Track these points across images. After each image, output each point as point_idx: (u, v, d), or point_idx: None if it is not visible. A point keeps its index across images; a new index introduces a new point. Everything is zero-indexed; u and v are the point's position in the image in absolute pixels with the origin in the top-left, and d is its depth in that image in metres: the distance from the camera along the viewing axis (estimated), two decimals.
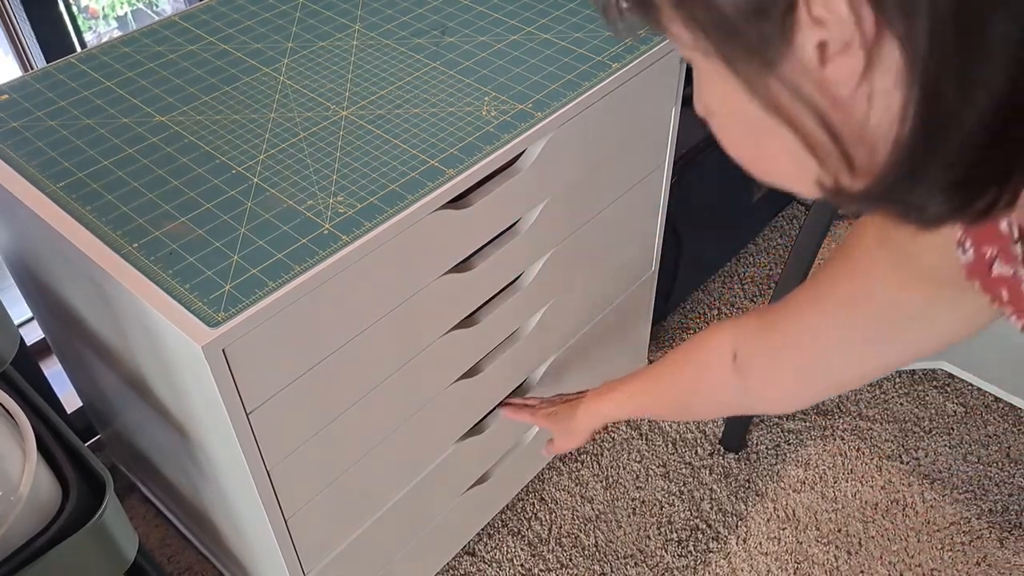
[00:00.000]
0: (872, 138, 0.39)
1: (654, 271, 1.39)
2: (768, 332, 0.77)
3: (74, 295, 0.93)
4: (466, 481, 1.21)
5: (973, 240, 0.52)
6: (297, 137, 0.92)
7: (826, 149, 0.40)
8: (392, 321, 0.89)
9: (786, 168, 0.44)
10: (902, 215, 0.40)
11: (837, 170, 0.41)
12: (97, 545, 0.66)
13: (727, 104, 0.44)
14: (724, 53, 0.40)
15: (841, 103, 0.38)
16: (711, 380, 0.85)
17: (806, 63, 0.38)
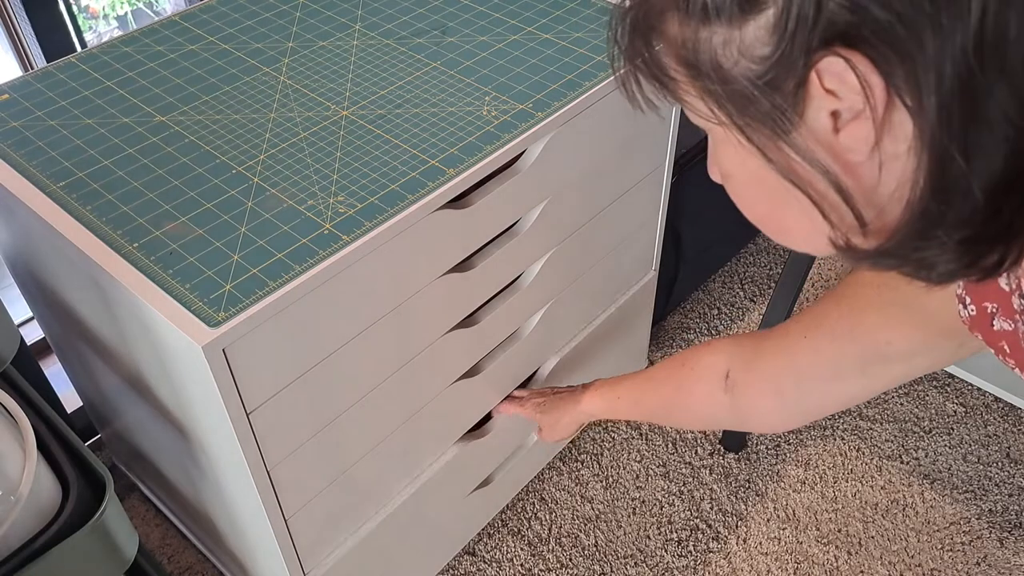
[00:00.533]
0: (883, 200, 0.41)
1: (654, 271, 1.39)
2: (761, 358, 0.80)
3: (74, 295, 0.93)
4: (468, 483, 1.21)
5: (973, 298, 0.54)
6: (297, 137, 0.92)
7: (838, 211, 0.42)
8: (392, 321, 0.89)
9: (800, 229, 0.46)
10: (913, 273, 0.42)
11: (849, 230, 0.43)
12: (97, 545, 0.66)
13: (742, 169, 0.46)
14: (739, 123, 0.42)
15: (853, 168, 0.40)
16: (700, 394, 0.88)
17: (819, 131, 0.39)
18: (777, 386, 0.79)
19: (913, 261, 0.40)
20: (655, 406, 0.98)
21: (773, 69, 0.38)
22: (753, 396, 0.82)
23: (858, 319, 0.69)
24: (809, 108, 0.39)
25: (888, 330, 0.67)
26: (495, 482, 1.27)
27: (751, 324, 1.74)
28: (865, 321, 0.68)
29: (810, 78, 0.38)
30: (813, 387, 0.76)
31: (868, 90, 0.36)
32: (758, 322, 1.72)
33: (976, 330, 0.55)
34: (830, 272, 1.83)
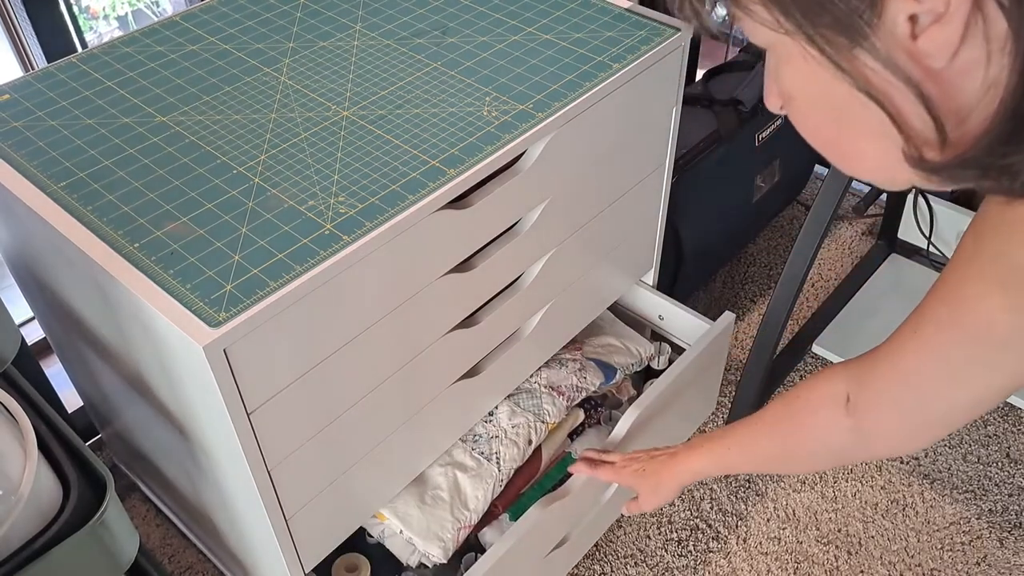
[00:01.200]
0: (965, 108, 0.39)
1: (655, 271, 1.39)
2: (873, 370, 0.72)
3: (75, 295, 0.93)
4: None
5: None
6: (298, 137, 0.92)
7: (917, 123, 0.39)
8: (393, 321, 0.89)
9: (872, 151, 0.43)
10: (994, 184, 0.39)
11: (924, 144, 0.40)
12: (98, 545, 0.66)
13: (808, 87, 0.43)
14: (809, 32, 0.39)
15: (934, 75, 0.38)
16: (821, 424, 0.79)
17: (897, 36, 0.37)
18: (893, 397, 0.70)
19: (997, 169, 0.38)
20: (772, 449, 0.87)
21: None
22: (873, 414, 0.73)
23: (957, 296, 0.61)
24: (887, 12, 0.36)
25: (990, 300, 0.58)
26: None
27: (751, 324, 1.74)
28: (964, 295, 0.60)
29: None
30: (930, 392, 0.66)
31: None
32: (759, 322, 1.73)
33: None
34: (831, 272, 1.83)
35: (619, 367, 1.31)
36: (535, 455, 1.22)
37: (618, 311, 1.44)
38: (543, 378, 1.24)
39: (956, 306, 0.62)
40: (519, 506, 1.18)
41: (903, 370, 0.68)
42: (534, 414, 1.19)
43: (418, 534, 1.09)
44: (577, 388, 1.24)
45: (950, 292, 0.62)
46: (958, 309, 0.62)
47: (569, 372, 1.26)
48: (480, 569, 1.04)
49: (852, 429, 0.76)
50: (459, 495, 1.12)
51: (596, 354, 1.31)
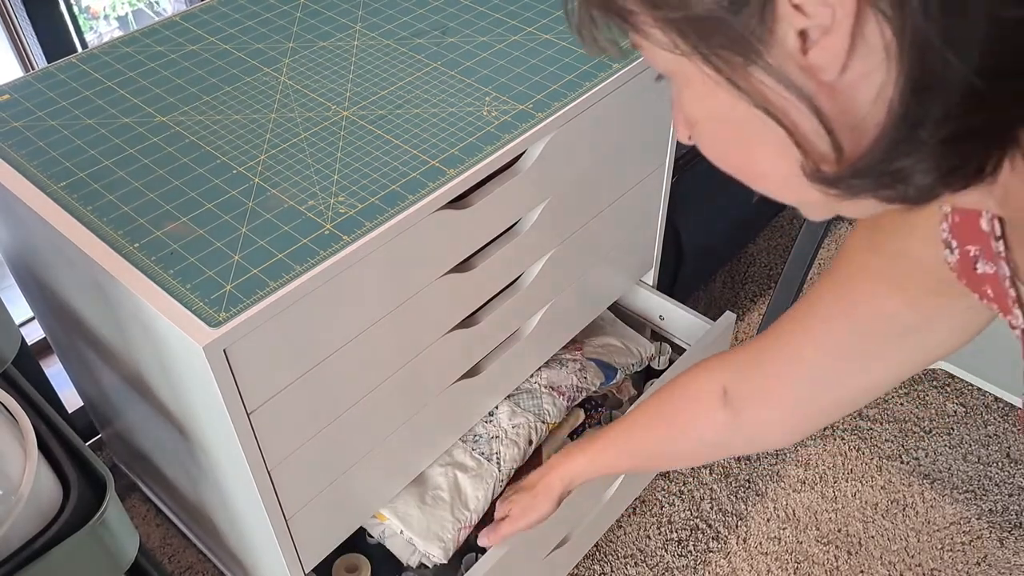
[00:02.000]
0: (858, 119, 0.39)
1: (655, 271, 1.39)
2: (758, 364, 0.74)
3: (75, 295, 0.93)
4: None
5: (958, 240, 0.52)
6: (298, 137, 0.92)
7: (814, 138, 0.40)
8: (392, 321, 0.89)
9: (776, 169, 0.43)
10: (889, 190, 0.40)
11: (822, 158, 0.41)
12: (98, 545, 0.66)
13: (710, 110, 0.44)
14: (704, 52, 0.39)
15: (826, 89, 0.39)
16: (699, 419, 0.80)
17: (789, 51, 0.38)
18: (780, 391, 0.72)
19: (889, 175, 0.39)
20: (650, 444, 0.87)
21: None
22: (756, 408, 0.75)
23: (851, 295, 0.64)
24: (777, 28, 0.37)
25: (886, 299, 0.62)
26: None
27: (752, 324, 1.74)
28: (858, 293, 0.63)
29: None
30: (819, 385, 0.69)
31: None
32: (759, 322, 1.73)
33: (962, 276, 0.53)
34: None
35: (620, 367, 1.31)
36: (536, 455, 1.22)
37: (619, 311, 1.44)
38: (543, 378, 1.24)
39: (850, 302, 0.64)
40: None
41: (794, 367, 0.70)
42: (534, 414, 1.19)
43: (418, 534, 1.09)
44: (578, 388, 1.24)
45: (843, 287, 0.64)
46: (852, 305, 0.64)
47: (570, 372, 1.26)
48: (480, 569, 1.04)
49: (730, 424, 0.77)
50: (459, 495, 1.12)
51: (597, 354, 1.31)
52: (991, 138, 0.37)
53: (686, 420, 0.82)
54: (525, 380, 1.23)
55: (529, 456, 1.19)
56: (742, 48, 0.38)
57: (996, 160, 0.38)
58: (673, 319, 1.39)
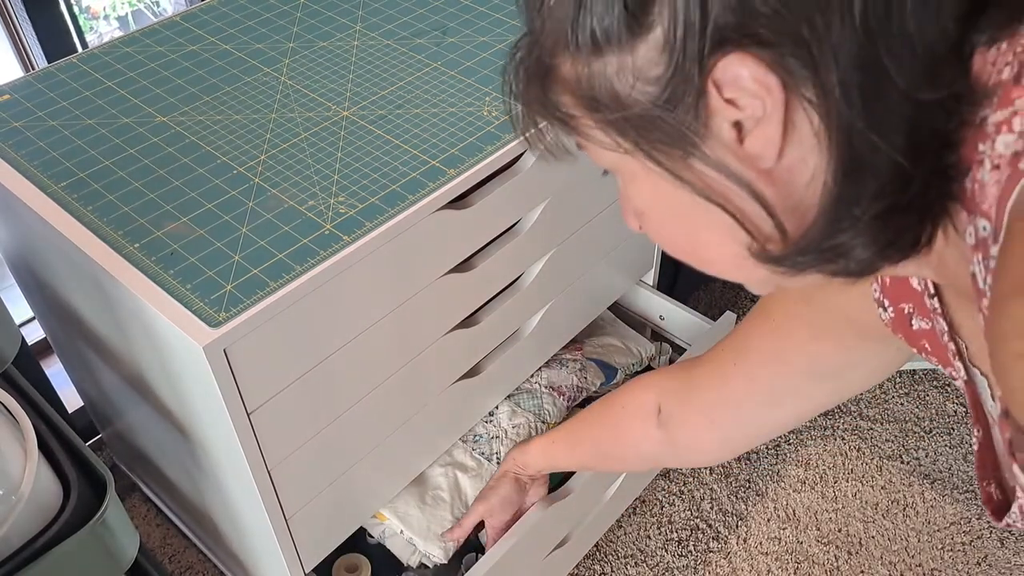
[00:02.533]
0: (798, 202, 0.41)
1: (655, 271, 1.39)
2: (693, 390, 0.78)
3: (75, 295, 0.93)
4: None
5: (890, 299, 0.54)
6: (298, 137, 0.92)
7: (758, 221, 0.42)
8: (393, 321, 0.89)
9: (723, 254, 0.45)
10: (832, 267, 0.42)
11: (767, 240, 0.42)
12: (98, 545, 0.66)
13: (655, 201, 0.45)
14: (645, 148, 0.41)
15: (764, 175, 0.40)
16: (634, 432, 0.86)
17: (725, 142, 0.39)
18: (711, 418, 0.77)
19: (830, 251, 0.41)
20: (590, 449, 0.95)
21: (670, 86, 0.38)
22: (688, 430, 0.80)
23: (785, 337, 0.68)
24: (712, 121, 0.39)
25: (817, 343, 0.65)
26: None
27: None
28: (793, 337, 0.67)
29: (708, 90, 0.38)
30: (748, 415, 0.74)
31: (765, 90, 0.37)
32: None
33: (899, 331, 0.55)
34: None
35: (620, 367, 1.31)
36: None
37: (619, 311, 1.44)
38: (544, 378, 1.24)
39: (782, 346, 0.68)
40: None
41: (725, 396, 0.75)
42: (535, 414, 1.19)
43: (419, 534, 1.09)
44: (578, 388, 1.24)
45: (775, 332, 0.68)
46: (784, 350, 0.68)
47: (570, 372, 1.26)
48: (481, 569, 1.04)
49: (664, 441, 0.83)
50: (460, 495, 1.12)
51: (597, 354, 1.31)
52: (922, 212, 0.39)
53: (624, 431, 0.88)
54: (525, 380, 1.23)
55: None
56: (680, 142, 0.40)
57: (930, 232, 0.40)
58: (673, 319, 1.39)
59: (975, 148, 0.36)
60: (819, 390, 0.69)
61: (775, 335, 0.68)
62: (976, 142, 0.36)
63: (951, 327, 0.50)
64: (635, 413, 0.86)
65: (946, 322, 0.50)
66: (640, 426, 0.85)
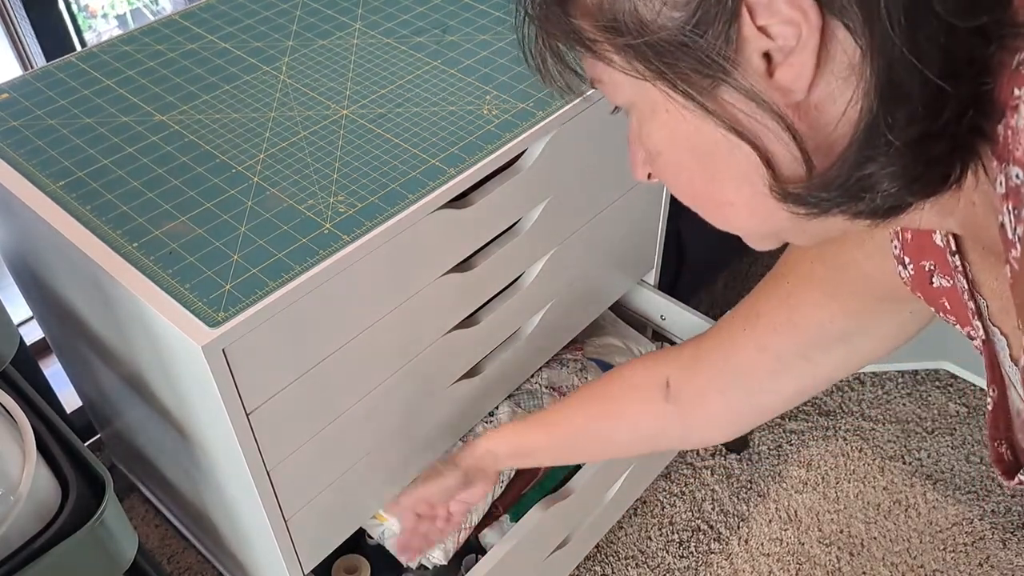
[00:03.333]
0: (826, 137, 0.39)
1: (656, 271, 1.39)
2: (702, 360, 0.75)
3: (74, 294, 0.93)
4: None
5: (911, 256, 0.53)
6: (297, 136, 0.91)
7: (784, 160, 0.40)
8: (392, 321, 0.89)
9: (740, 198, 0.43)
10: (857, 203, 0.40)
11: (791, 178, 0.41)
12: (97, 545, 0.66)
13: (674, 139, 0.43)
14: (670, 77, 0.39)
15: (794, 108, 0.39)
16: (637, 407, 0.81)
17: (755, 73, 0.38)
18: (721, 386, 0.74)
19: (856, 185, 0.39)
20: (580, 432, 0.85)
21: (700, 10, 0.37)
22: (697, 402, 0.76)
23: (796, 301, 0.65)
24: (743, 50, 0.37)
25: (827, 307, 0.63)
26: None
27: None
28: (803, 301, 0.65)
29: (741, 14, 0.36)
30: (758, 384, 0.72)
31: (801, 15, 0.35)
32: None
33: (917, 290, 0.54)
34: None
35: None
36: None
37: (620, 311, 1.44)
38: (544, 378, 1.24)
39: (793, 310, 0.66)
40: (520, 507, 1.18)
41: (735, 364, 0.72)
42: None
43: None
44: (578, 388, 1.24)
45: (787, 296, 0.67)
46: (795, 313, 0.66)
47: (570, 372, 1.25)
48: (481, 570, 1.03)
49: (671, 415, 0.78)
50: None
51: (597, 354, 1.31)
52: (953, 142, 0.38)
53: (624, 407, 0.82)
54: (526, 380, 1.23)
55: None
56: (709, 70, 0.38)
57: (959, 170, 0.39)
58: (674, 319, 1.39)
59: (1011, 93, 0.35)
60: (829, 358, 0.67)
61: (787, 299, 0.66)
62: (1012, 86, 0.35)
63: (972, 285, 0.49)
64: (640, 386, 0.80)
65: (967, 280, 0.49)
66: (646, 400, 0.79)
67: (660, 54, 0.39)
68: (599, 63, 0.42)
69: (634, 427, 0.82)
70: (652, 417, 0.80)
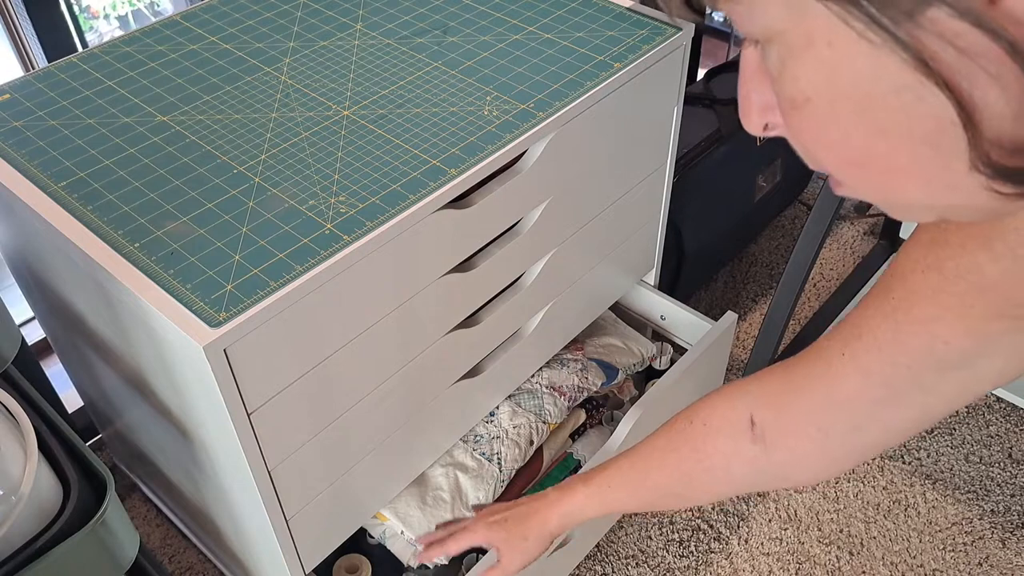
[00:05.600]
0: None
1: (656, 271, 1.39)
2: (793, 392, 0.64)
3: (75, 294, 0.93)
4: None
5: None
6: (299, 137, 0.92)
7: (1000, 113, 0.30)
8: (393, 321, 0.89)
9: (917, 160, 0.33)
10: None
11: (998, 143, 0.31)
12: (98, 545, 0.66)
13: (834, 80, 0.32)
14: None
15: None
16: (723, 452, 0.70)
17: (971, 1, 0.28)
18: (819, 423, 0.63)
19: None
20: (665, 481, 0.76)
21: None
22: (791, 442, 0.66)
23: (904, 317, 0.54)
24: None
25: (943, 324, 0.52)
26: None
27: (753, 324, 1.73)
28: (913, 317, 0.54)
29: None
30: (863, 417, 0.61)
31: None
32: (760, 322, 1.72)
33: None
34: (832, 272, 1.83)
35: (621, 367, 1.31)
36: (536, 456, 1.21)
37: (620, 311, 1.44)
38: (544, 378, 1.24)
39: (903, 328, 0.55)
40: None
41: (835, 396, 0.61)
42: (535, 414, 1.19)
43: (419, 535, 1.08)
44: (579, 388, 1.24)
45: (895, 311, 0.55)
46: (905, 331, 0.55)
47: (571, 372, 1.25)
48: (481, 570, 1.03)
49: (761, 456, 0.68)
50: (460, 496, 1.12)
51: (598, 354, 1.31)
52: None
53: (710, 454, 0.72)
54: (526, 380, 1.23)
55: (530, 457, 1.19)
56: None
57: None
58: (674, 319, 1.39)
59: None
60: (946, 384, 0.55)
61: (894, 314, 0.55)
62: None
63: None
64: (721, 429, 0.70)
65: None
66: (730, 443, 0.69)
67: None
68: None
69: (727, 476, 0.72)
70: (743, 462, 0.69)
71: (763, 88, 0.37)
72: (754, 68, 0.37)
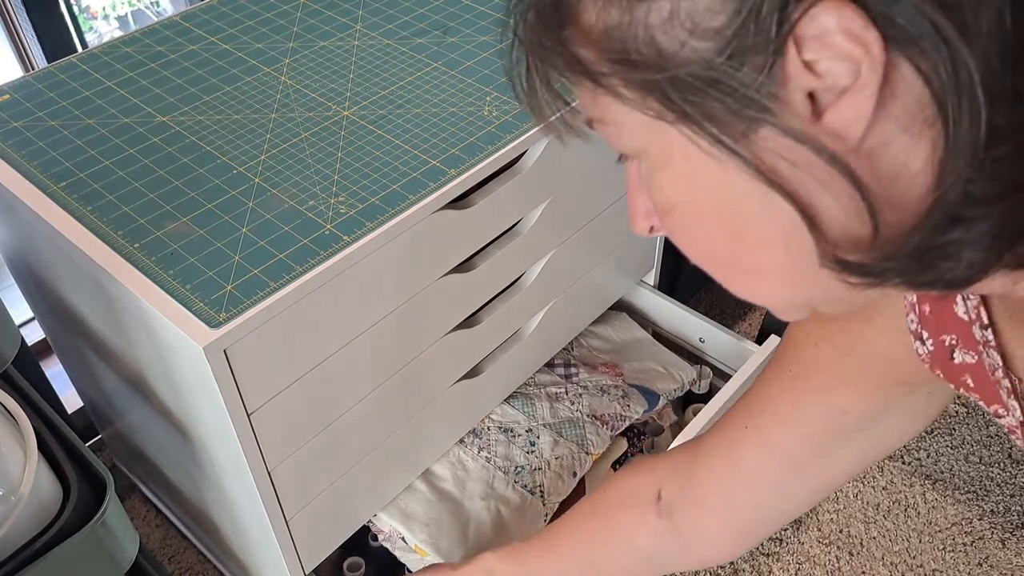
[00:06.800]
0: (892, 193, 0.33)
1: (656, 271, 1.39)
2: (699, 467, 0.66)
3: (75, 295, 0.93)
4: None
5: (929, 331, 0.47)
6: (298, 137, 0.92)
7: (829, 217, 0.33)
8: (393, 322, 0.89)
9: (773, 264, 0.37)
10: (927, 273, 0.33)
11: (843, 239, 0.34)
12: (98, 545, 0.66)
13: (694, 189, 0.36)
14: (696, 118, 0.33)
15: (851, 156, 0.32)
16: (626, 525, 0.71)
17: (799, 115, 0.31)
18: (725, 496, 0.64)
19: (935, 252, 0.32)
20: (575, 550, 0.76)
21: (735, 40, 0.30)
22: (695, 514, 0.67)
23: (803, 387, 0.57)
24: (786, 88, 0.31)
25: (840, 392, 0.56)
26: None
27: (753, 325, 1.73)
28: (811, 387, 0.57)
29: (787, 49, 0.30)
30: (766, 489, 0.62)
31: (862, 49, 0.29)
32: (760, 323, 1.72)
33: (936, 367, 0.48)
34: None
35: (662, 393, 1.26)
36: (579, 488, 1.16)
37: (658, 334, 1.41)
38: (585, 406, 1.19)
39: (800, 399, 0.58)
40: None
41: (739, 468, 0.63)
42: (578, 444, 1.15)
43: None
44: (620, 416, 1.20)
45: (792, 383, 0.58)
46: (803, 402, 0.58)
47: (612, 400, 1.21)
48: None
49: (666, 532, 0.69)
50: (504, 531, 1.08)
51: (638, 379, 1.27)
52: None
53: (615, 525, 0.72)
54: (567, 408, 1.20)
55: (573, 489, 1.14)
56: (746, 110, 0.31)
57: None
58: (714, 341, 1.33)
59: None
60: (845, 451, 0.58)
61: (792, 387, 0.58)
62: None
63: (1006, 361, 0.43)
64: (626, 501, 0.71)
65: (1000, 355, 0.43)
66: (634, 516, 0.70)
67: (684, 91, 0.32)
68: (604, 98, 0.35)
69: (631, 549, 0.72)
70: (645, 535, 0.71)
71: (644, 196, 0.41)
72: (635, 179, 0.42)
